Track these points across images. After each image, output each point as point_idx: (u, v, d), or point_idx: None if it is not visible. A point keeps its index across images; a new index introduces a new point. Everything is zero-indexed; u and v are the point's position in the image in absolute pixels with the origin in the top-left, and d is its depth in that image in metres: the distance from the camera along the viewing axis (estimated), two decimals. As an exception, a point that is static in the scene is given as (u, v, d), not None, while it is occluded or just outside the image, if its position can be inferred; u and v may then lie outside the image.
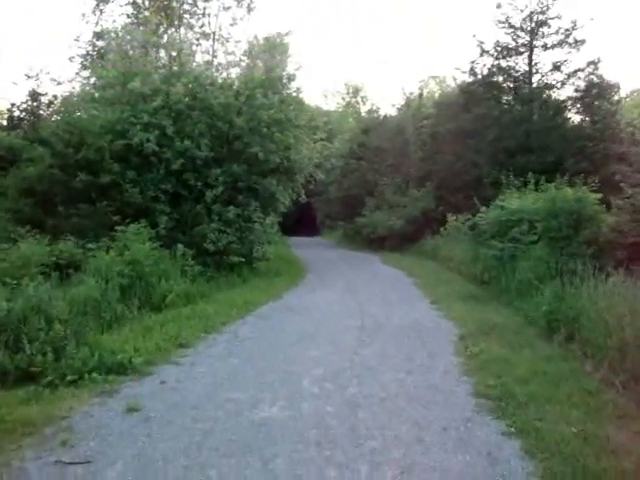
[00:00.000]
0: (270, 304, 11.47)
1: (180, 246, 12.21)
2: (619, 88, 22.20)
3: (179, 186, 13.87)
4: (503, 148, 21.30)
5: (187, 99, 13.99)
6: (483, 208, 14.91)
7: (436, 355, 7.68)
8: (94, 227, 11.85)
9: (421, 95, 36.02)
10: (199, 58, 17.57)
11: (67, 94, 18.98)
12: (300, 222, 43.91)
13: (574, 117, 22.64)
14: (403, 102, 32.86)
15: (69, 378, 6.09)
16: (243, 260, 13.71)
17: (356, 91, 52.68)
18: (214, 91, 14.45)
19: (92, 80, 17.73)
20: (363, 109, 51.29)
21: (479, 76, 23.44)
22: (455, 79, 27.98)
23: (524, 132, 21.53)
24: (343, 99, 55.14)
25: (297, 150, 15.60)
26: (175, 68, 14.47)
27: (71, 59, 20.99)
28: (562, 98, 22.43)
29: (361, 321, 9.81)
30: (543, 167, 18.34)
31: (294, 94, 15.50)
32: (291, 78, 15.03)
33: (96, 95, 14.66)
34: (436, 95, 41.03)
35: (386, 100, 67.19)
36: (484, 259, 14.25)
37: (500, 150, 21.40)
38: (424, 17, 75.64)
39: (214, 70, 16.15)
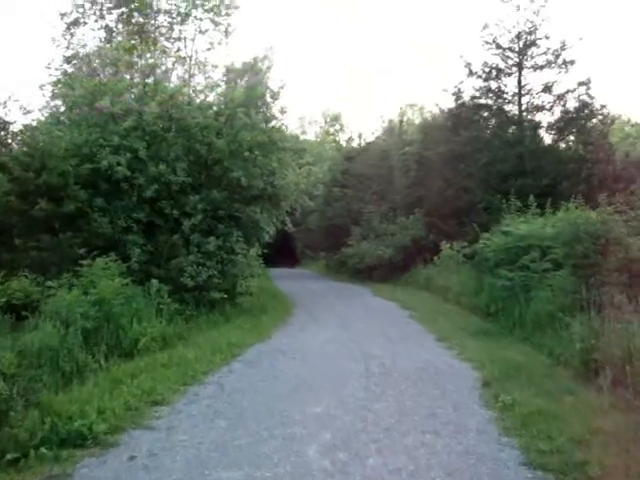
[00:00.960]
0: (258, 346, 10.12)
1: (154, 281, 10.87)
2: (608, 110, 21.42)
3: (153, 215, 12.58)
4: (496, 172, 20.36)
5: (162, 120, 12.77)
6: (486, 234, 13.79)
7: (462, 408, 6.43)
8: (57, 261, 10.47)
9: (401, 122, 35.39)
10: (175, 80, 16.36)
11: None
12: (280, 253, 42.61)
13: (566, 138, 21.76)
14: (386, 127, 31.98)
15: (9, 457, 4.72)
16: (225, 296, 12.36)
17: (335, 119, 52.02)
18: (191, 111, 13.27)
19: (62, 109, 16.52)
20: (342, 137, 50.77)
21: (467, 98, 22.58)
22: (437, 105, 27.14)
23: (517, 155, 20.65)
24: (321, 128, 54.57)
25: (282, 175, 14.42)
26: (149, 87, 13.25)
27: (42, 87, 19.71)
28: (553, 119, 21.63)
29: (364, 365, 8.52)
30: (538, 190, 17.39)
31: (279, 114, 14.34)
32: (275, 96, 13.90)
33: (62, 118, 13.37)
34: (416, 122, 40.69)
35: (365, 129, 66.75)
36: (489, 289, 13.11)
37: (493, 174, 20.45)
38: (401, 46, 75.92)
39: (191, 91, 14.97)
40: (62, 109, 16.06)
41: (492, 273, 13.38)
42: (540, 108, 21.70)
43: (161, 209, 12.59)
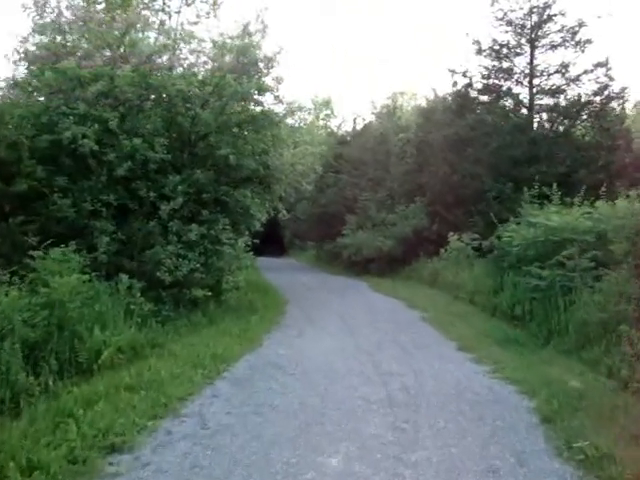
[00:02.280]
0: (248, 358, 8.34)
1: (124, 277, 9.06)
2: (629, 93, 19.75)
3: (126, 197, 10.73)
4: (507, 158, 18.68)
5: (138, 87, 10.87)
6: (511, 226, 12.12)
7: (528, 459, 4.74)
8: (6, 252, 8.65)
9: (395, 107, 33.63)
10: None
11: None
12: (266, 241, 40.86)
13: (581, 124, 20.09)
14: (382, 110, 30.16)
15: None
16: (209, 294, 10.56)
17: (325, 104, 49.92)
18: (173, 78, 11.40)
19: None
20: (333, 123, 48.78)
21: (474, 79, 20.81)
22: (434, 90, 25.32)
23: (529, 140, 18.98)
24: (309, 114, 52.42)
25: (277, 154, 12.60)
26: (124, 46, 11.34)
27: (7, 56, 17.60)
28: (568, 103, 19.91)
29: (383, 388, 6.80)
30: (553, 179, 15.71)
31: (274, 83, 12.42)
32: (270, 63, 12.02)
33: (20, 78, 11.40)
34: (408, 109, 38.90)
35: (358, 113, 64.35)
36: (512, 289, 11.46)
37: (503, 160, 18.77)
38: (392, 32, 73.68)
39: (174, 59, 13.00)
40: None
41: (515, 270, 11.75)
42: (553, 91, 19.99)
43: (135, 191, 10.75)
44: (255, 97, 11.67)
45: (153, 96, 11.13)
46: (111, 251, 9.98)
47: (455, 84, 21.27)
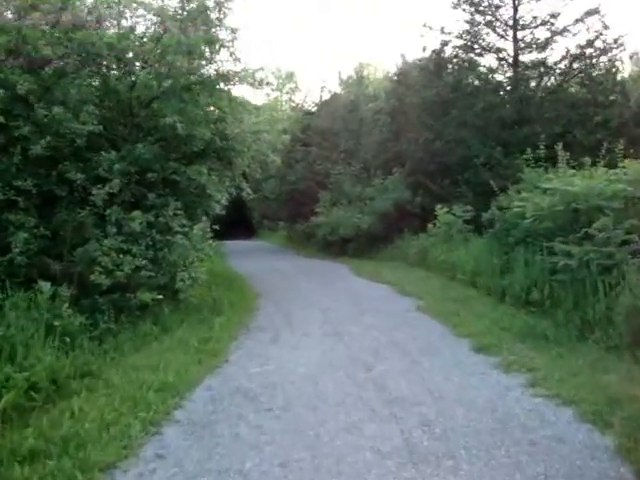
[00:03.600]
0: (208, 383, 6.33)
1: (44, 284, 7.00)
2: (624, 43, 17.90)
3: (52, 182, 8.61)
4: (495, 119, 16.88)
5: (58, 43, 8.65)
6: (523, 193, 10.32)
7: None
8: None
9: (362, 77, 31.62)
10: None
11: None
12: (234, 224, 38.82)
13: (574, 79, 18.27)
14: (350, 78, 28.09)
15: None
16: (160, 296, 8.49)
17: (289, 76, 47.49)
18: (102, 33, 9.20)
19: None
20: (297, 98, 46.42)
21: (453, 35, 18.80)
22: (402, 56, 23.24)
23: (518, 99, 17.17)
24: (272, 90, 49.75)
25: (236, 121, 10.50)
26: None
27: None
28: (558, 57, 18.08)
29: (397, 428, 4.88)
30: (548, 140, 13.92)
31: (228, 35, 10.27)
32: (224, 10, 9.82)
33: None
34: (376, 78, 36.93)
35: (322, 84, 61.57)
36: (525, 269, 9.67)
37: (491, 122, 16.96)
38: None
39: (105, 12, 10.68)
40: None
41: (525, 246, 9.98)
42: (541, 45, 18.11)
43: (62, 174, 8.62)
44: (206, 54, 9.50)
45: (79, 53, 8.86)
46: (32, 250, 7.88)
47: (424, 49, 19.35)
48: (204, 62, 10.43)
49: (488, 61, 18.89)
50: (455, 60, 18.72)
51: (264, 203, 31.44)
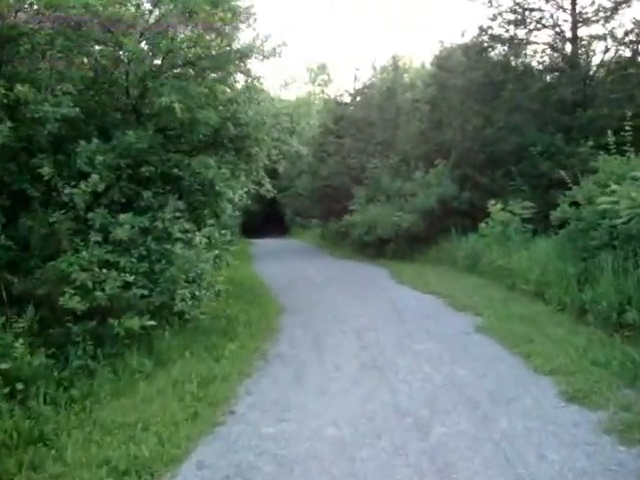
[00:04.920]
0: (200, 457, 4.47)
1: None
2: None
3: (20, 179, 6.96)
4: (555, 102, 14.75)
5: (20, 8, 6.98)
6: (613, 186, 8.30)
7: None
8: None
9: (397, 67, 29.59)
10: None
11: None
12: (266, 221, 37.25)
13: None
14: (388, 65, 26.10)
15: None
16: (152, 323, 6.72)
17: (322, 68, 45.60)
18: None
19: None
20: (331, 91, 44.58)
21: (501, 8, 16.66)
22: (441, 42, 21.08)
23: (580, 79, 15.00)
24: (305, 84, 47.93)
25: (251, 103, 8.66)
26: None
27: None
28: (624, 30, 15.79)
29: None
30: (617, 124, 11.81)
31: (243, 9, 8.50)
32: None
33: None
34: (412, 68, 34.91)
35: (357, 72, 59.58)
36: (615, 281, 7.66)
37: (549, 105, 14.85)
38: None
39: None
40: None
41: (612, 252, 7.98)
42: (605, 16, 15.85)
43: (33, 169, 6.94)
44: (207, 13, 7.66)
45: (52, 20, 7.15)
46: (-9, 265, 6.23)
47: (463, 34, 17.44)
48: (214, 35, 8.65)
49: (542, 37, 16.71)
50: (505, 36, 16.58)
51: (297, 200, 29.72)
